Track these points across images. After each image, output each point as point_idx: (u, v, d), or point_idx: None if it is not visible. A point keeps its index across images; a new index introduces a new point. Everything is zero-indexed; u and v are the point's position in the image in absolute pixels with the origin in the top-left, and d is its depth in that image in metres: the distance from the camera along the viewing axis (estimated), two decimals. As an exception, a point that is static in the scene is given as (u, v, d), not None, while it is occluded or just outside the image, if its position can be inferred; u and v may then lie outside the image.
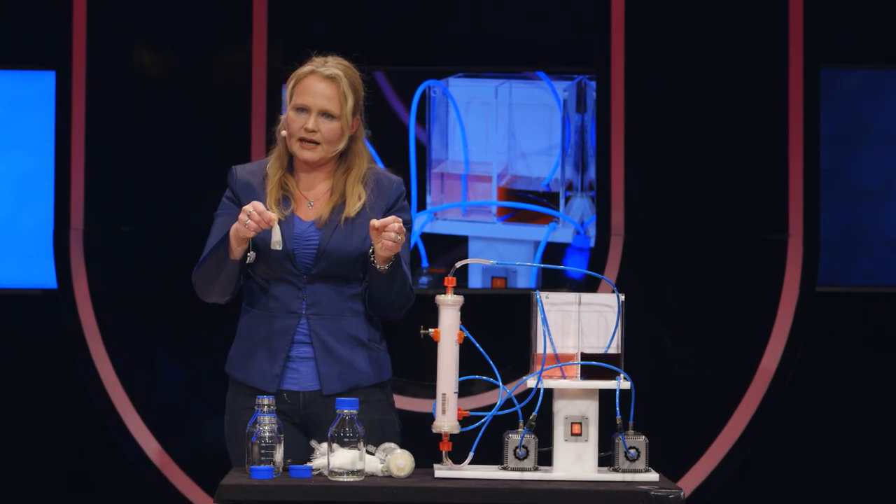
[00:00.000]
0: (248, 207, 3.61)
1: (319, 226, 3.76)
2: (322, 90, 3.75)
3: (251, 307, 3.84)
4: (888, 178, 6.33)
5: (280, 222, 3.70)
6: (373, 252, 3.67)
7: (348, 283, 3.77)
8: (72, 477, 6.28)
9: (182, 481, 6.10)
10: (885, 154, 6.33)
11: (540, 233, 6.37)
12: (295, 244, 3.74)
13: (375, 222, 3.60)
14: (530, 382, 3.39)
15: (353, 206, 3.76)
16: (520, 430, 3.39)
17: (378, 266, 3.65)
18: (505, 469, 3.40)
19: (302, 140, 3.76)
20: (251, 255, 3.71)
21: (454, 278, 3.43)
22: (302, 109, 3.76)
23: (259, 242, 3.70)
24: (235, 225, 3.65)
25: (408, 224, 3.81)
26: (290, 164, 3.83)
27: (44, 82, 6.29)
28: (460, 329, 3.42)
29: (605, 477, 3.39)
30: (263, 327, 3.79)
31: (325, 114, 3.76)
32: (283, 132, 3.79)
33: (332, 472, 3.33)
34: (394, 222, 3.58)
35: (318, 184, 3.83)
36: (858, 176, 6.33)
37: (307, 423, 3.77)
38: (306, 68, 3.78)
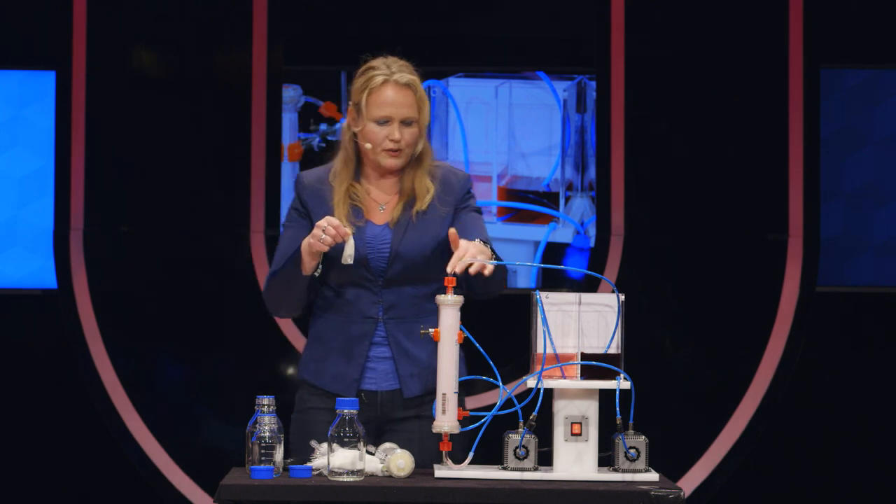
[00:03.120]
0: (322, 223, 3.61)
1: (391, 226, 3.76)
2: (401, 99, 3.75)
3: (325, 312, 3.80)
4: (888, 177, 6.33)
5: (353, 235, 3.70)
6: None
7: (425, 283, 3.75)
8: (72, 477, 6.28)
9: (182, 481, 6.10)
10: (885, 154, 6.33)
11: (540, 233, 6.37)
12: (368, 250, 3.73)
13: (453, 235, 3.58)
14: (530, 382, 3.39)
15: (423, 201, 3.76)
16: (520, 430, 3.39)
17: (479, 262, 3.61)
18: (505, 469, 3.40)
19: (388, 150, 3.76)
20: (318, 270, 3.69)
21: (454, 278, 3.43)
22: (384, 121, 3.76)
23: (331, 253, 3.68)
24: (308, 240, 3.64)
25: (478, 210, 3.84)
26: (357, 170, 3.83)
27: (44, 82, 6.29)
28: (460, 329, 3.42)
29: (605, 477, 3.39)
30: (340, 332, 3.77)
31: (406, 121, 3.76)
32: (367, 145, 3.77)
33: (332, 472, 3.33)
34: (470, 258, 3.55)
35: (387, 185, 3.82)
36: (858, 176, 6.33)
37: (382, 422, 3.76)
38: (378, 78, 3.77)
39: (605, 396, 3.42)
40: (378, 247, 3.75)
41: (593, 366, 3.41)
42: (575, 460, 3.40)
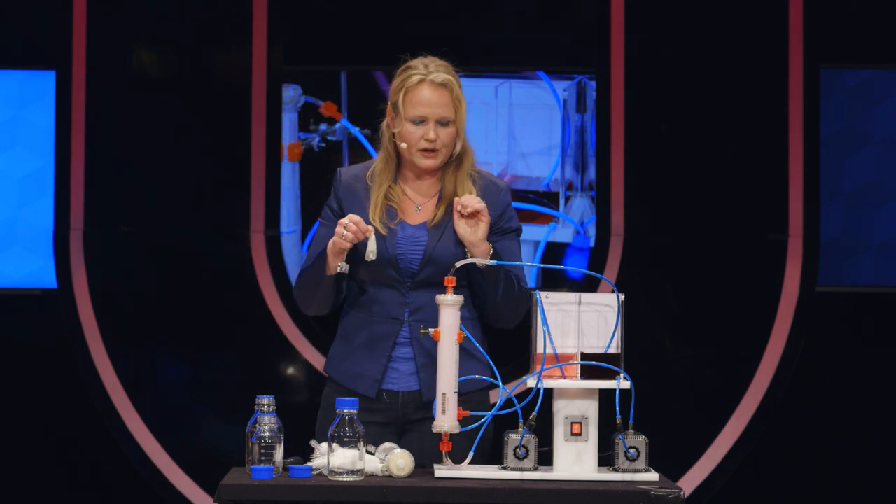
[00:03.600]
0: (344, 220, 3.62)
1: (429, 227, 3.75)
2: (437, 99, 3.74)
3: (353, 309, 3.80)
4: (888, 177, 6.33)
5: (380, 234, 3.69)
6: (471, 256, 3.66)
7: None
8: (72, 477, 6.28)
9: (182, 481, 6.10)
10: (885, 154, 6.33)
11: (540, 233, 6.37)
12: (398, 250, 3.72)
13: (456, 200, 3.62)
14: (530, 382, 3.39)
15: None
16: (520, 430, 3.39)
17: (477, 263, 3.62)
18: (505, 469, 3.40)
19: (424, 150, 3.75)
20: (344, 267, 3.68)
21: (454, 278, 3.43)
22: (421, 121, 3.75)
23: (360, 249, 3.68)
24: (333, 238, 3.65)
25: (517, 231, 3.82)
26: (396, 170, 3.81)
27: (44, 82, 6.29)
28: (460, 329, 3.41)
29: (605, 477, 3.39)
30: (365, 331, 3.77)
31: (442, 121, 3.75)
32: (403, 144, 3.77)
33: (332, 472, 3.33)
34: (474, 202, 3.60)
35: (426, 186, 3.81)
36: (858, 176, 6.33)
37: (403, 423, 3.76)
38: (414, 78, 3.75)
39: (605, 396, 3.42)
40: (411, 248, 3.74)
41: (593, 366, 3.41)
42: (575, 460, 3.40)
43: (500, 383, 3.43)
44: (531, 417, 3.39)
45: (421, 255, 3.73)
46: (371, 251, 3.67)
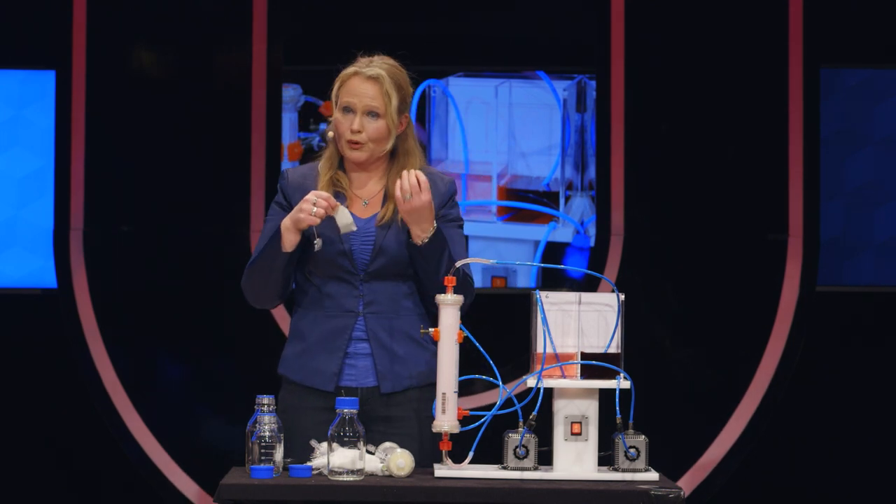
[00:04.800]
0: (310, 196, 3.61)
1: (377, 224, 3.74)
2: (366, 90, 3.73)
3: (304, 307, 3.80)
4: (888, 177, 6.33)
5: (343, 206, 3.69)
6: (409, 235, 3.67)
7: (404, 280, 3.75)
8: (72, 477, 6.28)
9: (182, 481, 6.10)
10: (885, 154, 6.33)
11: (540, 232, 6.37)
12: (352, 240, 3.73)
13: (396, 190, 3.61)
14: (530, 382, 3.39)
15: None
16: (520, 429, 3.39)
17: (415, 242, 3.63)
18: (505, 469, 3.40)
19: (350, 141, 3.75)
20: (318, 243, 3.68)
21: (454, 278, 3.43)
22: (348, 110, 3.74)
23: (324, 232, 3.68)
24: (294, 216, 3.63)
25: (458, 222, 3.81)
26: (341, 164, 3.82)
27: (44, 82, 6.29)
28: (460, 329, 3.41)
29: (605, 476, 3.39)
30: (319, 327, 3.76)
31: (371, 113, 3.74)
32: (331, 133, 3.78)
33: (331, 472, 3.33)
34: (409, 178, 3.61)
35: (370, 183, 3.81)
36: (858, 176, 6.33)
37: (364, 420, 3.76)
38: (350, 69, 3.76)
39: (605, 396, 3.42)
40: (362, 239, 3.74)
41: (593, 365, 3.41)
42: (575, 460, 3.40)
43: (501, 383, 3.43)
44: (531, 417, 3.39)
45: (371, 245, 3.73)
46: (349, 223, 3.65)
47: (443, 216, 3.78)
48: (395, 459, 3.39)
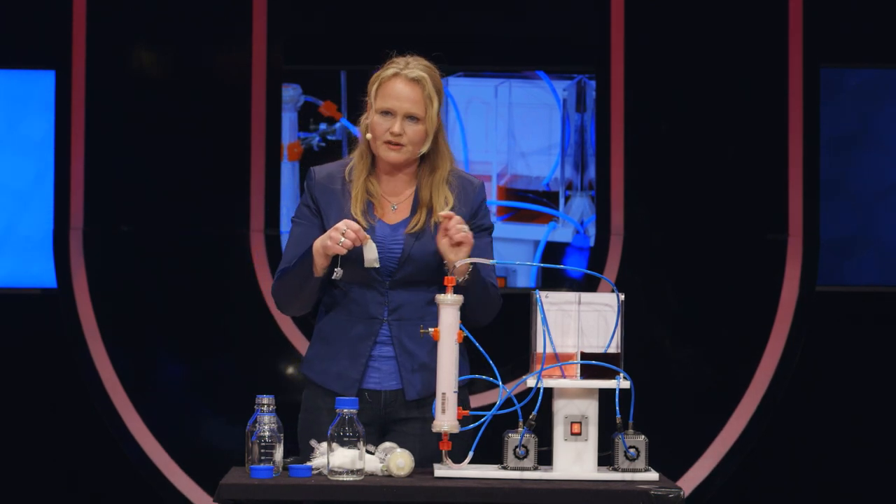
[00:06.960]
0: (341, 226, 3.58)
1: (407, 230, 3.72)
2: (407, 94, 3.71)
3: (331, 310, 3.78)
4: (888, 177, 6.33)
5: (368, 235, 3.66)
6: (448, 264, 3.62)
7: (429, 287, 3.73)
8: (72, 477, 6.28)
9: (182, 481, 6.10)
10: (885, 154, 6.33)
11: (540, 232, 6.37)
12: (379, 249, 3.69)
13: (442, 215, 3.58)
14: (530, 382, 3.39)
15: (440, 210, 3.70)
16: (519, 429, 3.39)
17: (458, 279, 3.59)
18: (505, 468, 3.40)
19: (388, 142, 3.73)
20: (338, 272, 3.65)
21: (454, 278, 3.43)
22: (387, 113, 3.73)
23: (351, 255, 3.64)
24: (324, 241, 3.61)
25: (490, 230, 3.80)
26: (372, 165, 3.79)
27: (44, 82, 6.29)
28: (460, 329, 3.41)
29: (605, 476, 3.39)
30: (344, 331, 3.75)
31: (411, 117, 3.72)
32: (368, 135, 3.76)
33: (331, 472, 3.33)
34: (458, 223, 3.57)
35: (401, 186, 3.78)
36: (858, 175, 6.33)
37: (386, 422, 3.75)
38: (389, 71, 3.73)
39: (605, 396, 3.42)
40: (389, 247, 3.72)
41: (593, 365, 3.41)
42: (575, 460, 3.40)
43: (501, 383, 3.43)
44: (531, 417, 3.39)
45: (399, 253, 3.72)
46: (374, 259, 3.64)
47: (475, 226, 3.75)
48: (395, 459, 3.39)
